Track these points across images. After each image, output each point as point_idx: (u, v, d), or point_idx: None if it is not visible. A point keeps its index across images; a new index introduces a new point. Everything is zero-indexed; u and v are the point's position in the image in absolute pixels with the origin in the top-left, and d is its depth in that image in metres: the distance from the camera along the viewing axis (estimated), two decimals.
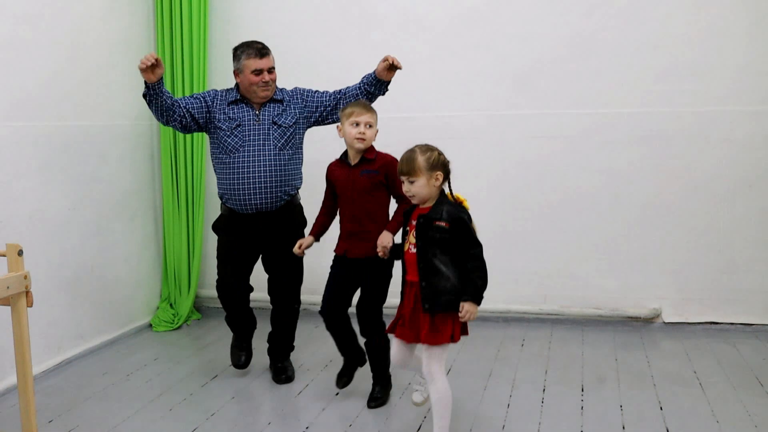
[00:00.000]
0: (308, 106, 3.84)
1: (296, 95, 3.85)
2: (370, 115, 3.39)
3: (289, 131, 3.76)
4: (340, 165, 3.51)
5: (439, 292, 2.87)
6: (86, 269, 4.33)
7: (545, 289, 4.81)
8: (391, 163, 3.38)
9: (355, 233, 3.43)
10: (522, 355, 4.23)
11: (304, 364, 4.12)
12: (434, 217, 2.90)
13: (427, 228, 2.90)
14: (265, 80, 3.68)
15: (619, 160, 4.63)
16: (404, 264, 3.04)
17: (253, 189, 3.65)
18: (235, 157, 3.66)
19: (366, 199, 3.40)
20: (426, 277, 2.89)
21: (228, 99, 3.75)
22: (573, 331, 4.66)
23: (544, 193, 4.71)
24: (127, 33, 4.63)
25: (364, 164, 3.41)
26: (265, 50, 3.71)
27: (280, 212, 3.74)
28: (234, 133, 3.68)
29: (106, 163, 4.48)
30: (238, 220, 3.74)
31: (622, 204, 4.66)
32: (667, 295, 4.66)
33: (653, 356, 4.17)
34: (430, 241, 2.89)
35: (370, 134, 3.39)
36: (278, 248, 3.77)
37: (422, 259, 2.91)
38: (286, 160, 3.73)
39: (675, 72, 4.50)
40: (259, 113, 3.73)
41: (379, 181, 3.40)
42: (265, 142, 3.69)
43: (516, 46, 4.68)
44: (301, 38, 4.95)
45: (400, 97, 4.45)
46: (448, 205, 2.92)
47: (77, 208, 4.24)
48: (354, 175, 3.42)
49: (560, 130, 4.68)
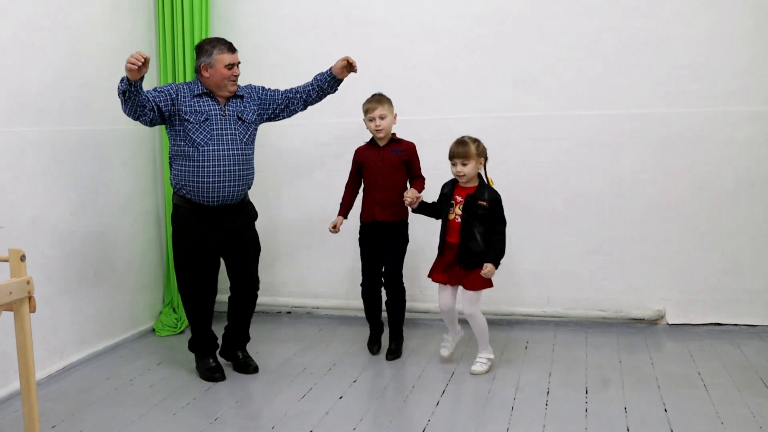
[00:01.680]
0: (263, 104, 4.03)
1: (252, 92, 4.03)
2: (381, 107, 4.07)
3: (251, 127, 3.96)
4: (368, 147, 4.21)
5: (473, 254, 3.84)
6: (89, 274, 4.34)
7: (549, 291, 4.81)
8: (412, 147, 4.18)
9: (382, 201, 4.12)
10: (526, 357, 4.23)
11: (307, 368, 4.13)
12: (478, 197, 3.84)
13: (472, 205, 3.84)
14: (236, 74, 3.86)
15: (622, 162, 4.63)
16: (446, 228, 3.93)
17: (221, 182, 3.79)
18: (203, 150, 3.77)
19: (393, 173, 4.12)
20: (464, 241, 3.85)
21: (193, 92, 3.84)
22: (577, 333, 4.66)
23: (547, 195, 4.72)
24: (129, 37, 4.65)
25: (392, 144, 4.15)
26: (233, 46, 3.89)
27: (239, 206, 3.93)
28: (202, 126, 3.79)
29: (109, 168, 4.49)
30: (199, 213, 3.84)
31: (626, 205, 4.66)
32: (671, 297, 4.66)
33: (657, 358, 4.17)
34: (473, 215, 3.83)
35: (386, 124, 4.09)
36: (237, 238, 3.95)
37: (464, 227, 3.85)
38: (248, 156, 3.93)
39: (678, 73, 4.51)
40: (224, 108, 3.86)
41: (404, 161, 4.12)
42: (231, 137, 3.84)
43: (519, 48, 4.69)
44: (303, 41, 4.97)
45: (402, 100, 4.46)
46: (488, 189, 3.87)
47: (79, 213, 4.25)
48: (384, 153, 4.14)
49: (563, 131, 4.68)
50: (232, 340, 4.12)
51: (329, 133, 4.98)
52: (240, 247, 3.97)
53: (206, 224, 3.85)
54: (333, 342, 4.61)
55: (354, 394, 3.75)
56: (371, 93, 4.18)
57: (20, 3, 3.82)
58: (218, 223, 3.86)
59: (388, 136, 4.14)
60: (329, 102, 4.29)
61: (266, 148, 4.99)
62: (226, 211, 3.87)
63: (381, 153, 4.14)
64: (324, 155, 5.03)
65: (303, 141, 5.03)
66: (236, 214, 3.92)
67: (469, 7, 4.73)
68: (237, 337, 4.11)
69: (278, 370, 4.13)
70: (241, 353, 4.11)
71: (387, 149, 4.13)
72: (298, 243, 5.15)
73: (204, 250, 3.88)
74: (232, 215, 3.90)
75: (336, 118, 4.89)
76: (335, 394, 3.75)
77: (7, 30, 3.75)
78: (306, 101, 4.12)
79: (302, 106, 4.14)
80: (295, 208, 5.14)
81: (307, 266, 5.16)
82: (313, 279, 5.15)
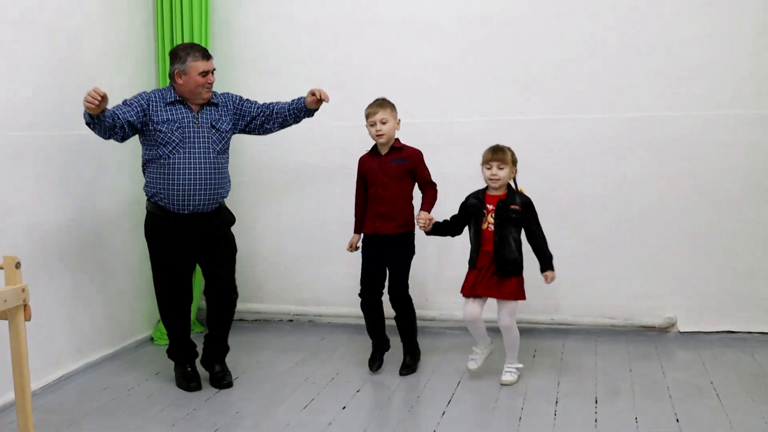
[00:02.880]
0: (237, 114, 4.03)
1: (228, 101, 4.02)
2: (382, 111, 3.97)
3: (226, 136, 3.95)
4: (371, 156, 4.10)
5: (507, 261, 3.87)
6: (85, 281, 4.32)
7: (556, 298, 4.79)
8: (417, 154, 4.04)
9: (384, 214, 4.00)
10: (533, 366, 4.21)
11: (309, 378, 4.11)
12: (510, 202, 3.90)
13: (505, 210, 3.88)
14: (210, 81, 3.85)
15: (626, 165, 4.62)
16: (479, 238, 3.92)
17: (192, 190, 3.79)
18: (174, 157, 3.79)
19: (395, 184, 4.00)
20: (499, 249, 3.87)
21: (166, 100, 3.84)
22: (586, 341, 4.64)
23: (552, 200, 4.67)
24: (127, 39, 4.63)
25: (393, 153, 4.02)
26: (208, 53, 3.89)
27: (212, 213, 3.91)
28: (175, 134, 3.80)
29: (106, 173, 4.47)
30: (171, 221, 3.84)
31: (633, 210, 4.65)
32: (682, 304, 4.65)
33: (668, 367, 4.15)
34: (507, 220, 3.88)
35: (387, 129, 3.97)
36: (214, 245, 3.94)
37: (498, 234, 3.88)
38: (222, 165, 3.92)
39: (681, 76, 4.50)
40: (198, 116, 3.86)
41: (407, 170, 4.00)
42: (204, 145, 3.84)
43: (520, 50, 4.68)
44: (304, 44, 4.96)
45: (403, 102, 4.44)
46: (518, 194, 3.94)
47: (76, 219, 4.23)
48: (385, 163, 4.02)
49: (566, 134, 4.67)
50: (209, 351, 4.07)
51: (331, 138, 4.97)
52: (213, 253, 3.95)
53: (178, 231, 3.85)
54: (336, 351, 4.59)
55: (358, 405, 3.72)
56: (370, 96, 4.15)
57: (16, 4, 3.81)
58: (191, 229, 3.86)
59: (390, 143, 4.02)
60: (330, 108, 4.25)
61: (267, 151, 4.98)
62: (199, 218, 3.86)
63: (382, 162, 4.02)
64: (326, 160, 5.02)
65: (305, 146, 5.02)
66: (210, 220, 3.90)
67: (469, 7, 4.73)
68: (214, 348, 4.06)
69: (279, 379, 4.10)
70: (219, 365, 4.05)
71: (388, 158, 4.02)
72: (299, 249, 5.13)
73: (176, 257, 3.88)
74: (205, 221, 3.88)
75: (339, 122, 4.86)
76: (338, 404, 3.73)
77: (4, 32, 3.73)
78: (282, 124, 4.11)
79: (278, 128, 4.12)
80: (296, 213, 5.11)
81: (309, 273, 5.13)
82: (315, 286, 5.13)
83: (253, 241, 5.10)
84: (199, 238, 3.89)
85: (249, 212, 5.10)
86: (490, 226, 3.88)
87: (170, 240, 3.86)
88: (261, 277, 5.18)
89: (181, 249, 3.88)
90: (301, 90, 4.13)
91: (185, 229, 3.85)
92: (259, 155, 5.01)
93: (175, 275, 3.92)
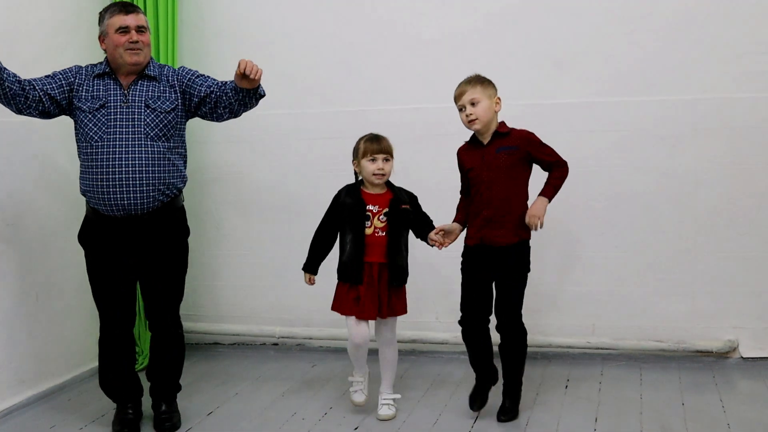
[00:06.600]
0: (186, 92, 3.81)
1: (173, 75, 3.82)
2: (471, 89, 3.77)
3: (166, 118, 3.73)
4: (470, 147, 3.91)
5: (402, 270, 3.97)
6: (30, 298, 4.31)
7: (593, 317, 4.79)
8: (528, 136, 3.82)
9: (492, 219, 3.79)
10: (566, 399, 4.20)
11: (298, 413, 4.10)
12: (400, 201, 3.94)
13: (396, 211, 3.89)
14: (133, 39, 3.65)
15: (682, 158, 4.61)
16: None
17: (119, 186, 3.61)
18: (97, 146, 3.64)
19: (505, 180, 3.78)
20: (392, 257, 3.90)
21: (94, 72, 3.75)
22: (629, 368, 4.63)
23: (590, 200, 4.69)
24: (76, 10, 4.62)
25: (498, 141, 3.80)
26: (131, 6, 3.73)
27: (157, 217, 3.73)
28: (96, 115, 3.67)
29: (53, 167, 4.46)
30: (106, 225, 3.72)
31: (691, 211, 4.63)
32: (745, 324, 4.63)
33: (729, 399, 4.13)
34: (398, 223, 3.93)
35: (480, 111, 3.74)
36: (153, 261, 3.78)
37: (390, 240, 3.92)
38: (162, 154, 3.71)
39: (756, 49, 4.47)
40: (128, 92, 3.71)
41: (520, 159, 3.79)
42: (133, 129, 3.66)
43: (553, 21, 4.67)
44: (290, 14, 4.95)
45: (411, 84, 4.45)
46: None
47: (17, 224, 4.21)
48: (488, 154, 3.80)
49: (609, 121, 4.67)
50: (155, 385, 3.97)
51: (321, 126, 4.97)
52: (151, 271, 3.80)
53: (116, 240, 3.71)
54: (329, 381, 4.59)
55: None
56: (370, 76, 4.10)
57: None
58: (130, 239, 3.72)
59: (491, 128, 3.80)
60: (320, 91, 4.20)
61: (243, 140, 4.94)
62: (139, 224, 3.69)
63: (485, 155, 3.81)
64: (316, 153, 5.02)
65: (292, 137, 5.03)
66: (153, 229, 3.73)
67: None
68: (159, 385, 3.96)
69: (263, 415, 4.08)
70: (165, 405, 3.95)
71: (492, 148, 3.80)
72: (286, 259, 5.07)
73: (112, 269, 3.76)
74: (147, 230, 3.72)
75: (331, 108, 4.87)
76: None
77: None
78: (231, 110, 3.78)
79: (228, 114, 3.81)
80: (281, 215, 5.11)
81: (298, 287, 5.06)
82: (304, 303, 5.09)
83: (228, 249, 5.10)
84: (140, 251, 3.75)
85: (222, 215, 5.11)
86: (378, 231, 3.89)
87: (105, 248, 3.74)
88: (239, 293, 5.19)
89: (118, 260, 3.74)
90: (290, 69, 4.09)
91: (122, 237, 3.70)
92: (232, 144, 4.96)
93: (111, 290, 3.79)
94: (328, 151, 4.93)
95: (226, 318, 5.15)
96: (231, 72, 4.08)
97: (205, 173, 5.02)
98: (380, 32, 4.85)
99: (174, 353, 3.96)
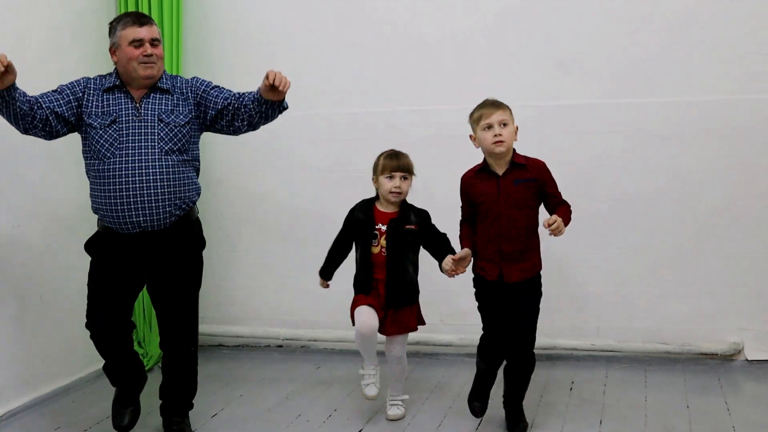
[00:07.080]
0: (201, 104, 3.72)
1: (187, 87, 3.73)
2: (501, 111, 3.60)
3: (180, 131, 3.64)
4: (481, 176, 3.69)
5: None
6: (35, 299, 4.31)
7: (597, 319, 4.79)
8: (543, 167, 3.67)
9: (513, 255, 3.63)
10: (571, 401, 4.20)
11: (303, 414, 4.10)
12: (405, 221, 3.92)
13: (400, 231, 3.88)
14: (147, 53, 3.57)
15: (685, 158, 4.61)
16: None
17: (134, 203, 3.52)
18: (109, 162, 3.53)
19: (522, 214, 3.62)
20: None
21: (103, 85, 3.64)
22: (633, 371, 4.63)
23: (593, 201, 4.67)
24: (81, 12, 4.62)
25: (515, 172, 3.62)
26: (145, 18, 3.65)
27: (172, 231, 3.64)
28: (107, 131, 3.56)
29: (59, 171, 4.46)
30: (118, 242, 3.62)
31: (696, 212, 4.63)
32: (751, 326, 4.63)
33: (734, 402, 4.12)
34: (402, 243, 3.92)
35: (508, 134, 3.58)
36: (167, 275, 3.69)
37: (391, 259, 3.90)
38: (176, 168, 3.62)
39: (758, 50, 4.46)
40: (140, 106, 3.62)
41: (536, 192, 3.64)
42: (147, 144, 3.56)
43: (555, 21, 4.67)
44: (292, 15, 4.95)
45: (411, 86, 4.43)
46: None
47: (23, 225, 4.23)
48: (506, 186, 3.61)
49: (612, 122, 4.67)
50: (166, 402, 3.89)
51: (329, 128, 4.96)
52: (167, 289, 3.70)
53: (129, 256, 3.62)
54: (334, 383, 4.60)
55: None
56: (372, 79, 4.08)
57: None
58: (145, 254, 3.62)
59: (506, 156, 3.62)
60: (327, 92, 4.21)
61: (250, 142, 4.94)
62: (154, 239, 3.60)
63: (502, 186, 3.62)
64: (326, 155, 5.02)
65: (300, 139, 5.03)
66: (168, 243, 3.64)
67: None
68: (171, 401, 3.88)
69: (267, 416, 4.09)
70: (177, 419, 3.86)
71: (510, 179, 3.62)
72: (290, 261, 5.11)
73: (116, 280, 3.65)
74: (162, 245, 3.63)
75: (339, 109, 4.86)
76: None
77: None
78: (251, 123, 3.70)
79: (247, 127, 3.73)
80: (287, 218, 5.11)
81: (302, 289, 5.08)
82: (309, 305, 5.11)
83: (232, 251, 5.10)
84: (152, 264, 3.66)
85: (226, 216, 5.10)
86: (384, 251, 3.89)
87: (116, 262, 3.63)
88: (244, 294, 5.20)
89: (128, 272, 3.65)
90: (293, 71, 4.08)
91: (136, 252, 3.61)
92: (235, 146, 4.97)
93: (107, 294, 3.66)
94: (331, 152, 4.95)
95: (231, 320, 5.16)
96: (232, 71, 4.12)
97: (209, 175, 5.02)
98: (382, 33, 4.85)
99: (185, 371, 3.84)
